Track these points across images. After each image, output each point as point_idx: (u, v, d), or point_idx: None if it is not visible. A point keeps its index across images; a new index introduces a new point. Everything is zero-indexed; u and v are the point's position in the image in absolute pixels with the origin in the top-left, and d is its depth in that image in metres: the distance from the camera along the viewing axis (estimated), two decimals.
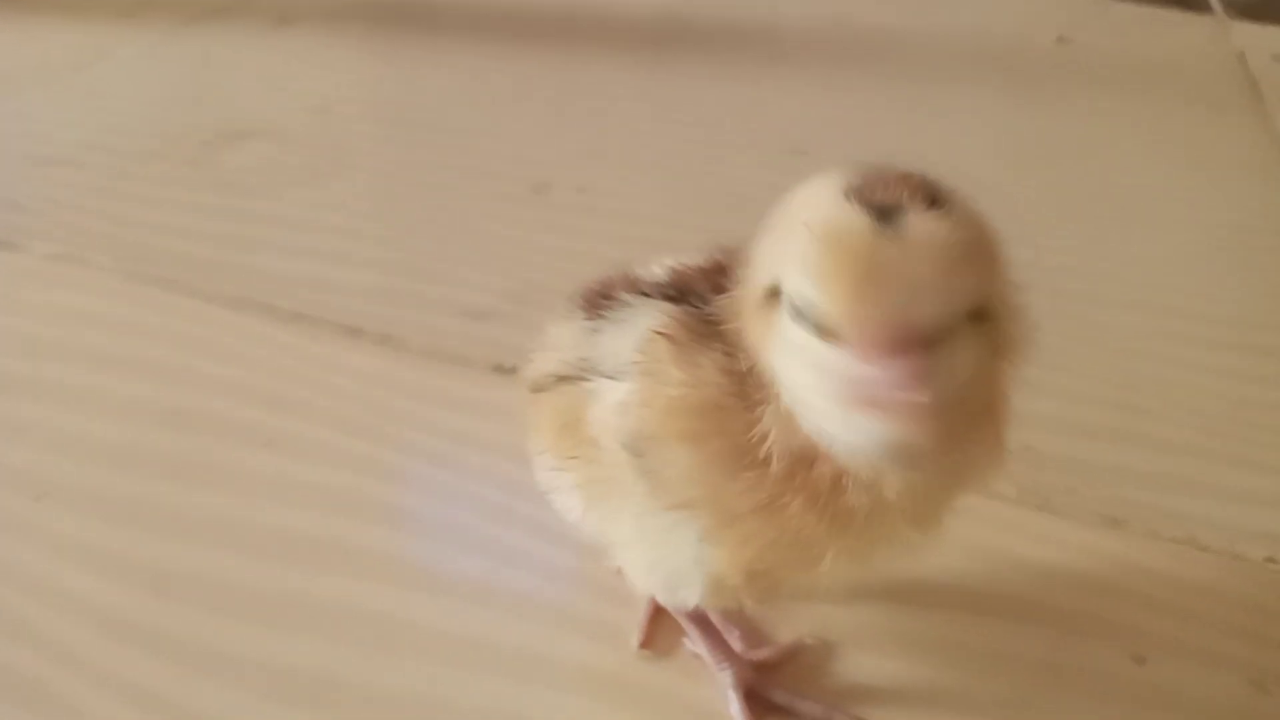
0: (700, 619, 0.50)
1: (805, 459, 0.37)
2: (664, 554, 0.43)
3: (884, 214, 0.31)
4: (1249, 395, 0.73)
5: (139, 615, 0.55)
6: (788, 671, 0.52)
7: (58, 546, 0.59)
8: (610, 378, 0.42)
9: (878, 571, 0.46)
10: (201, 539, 0.59)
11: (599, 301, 0.45)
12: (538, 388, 0.47)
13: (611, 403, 0.41)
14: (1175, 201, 1.01)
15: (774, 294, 0.35)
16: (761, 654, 0.52)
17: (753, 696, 0.50)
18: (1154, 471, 0.66)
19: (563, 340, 0.46)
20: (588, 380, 0.43)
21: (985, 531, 0.61)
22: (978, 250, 0.33)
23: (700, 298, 0.41)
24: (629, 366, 0.40)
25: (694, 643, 0.51)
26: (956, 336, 0.32)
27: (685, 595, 0.45)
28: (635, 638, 0.53)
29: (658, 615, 0.53)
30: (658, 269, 0.45)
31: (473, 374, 0.73)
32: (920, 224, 0.31)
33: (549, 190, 0.97)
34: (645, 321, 0.41)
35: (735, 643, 0.53)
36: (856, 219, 0.31)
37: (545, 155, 1.04)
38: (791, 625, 0.55)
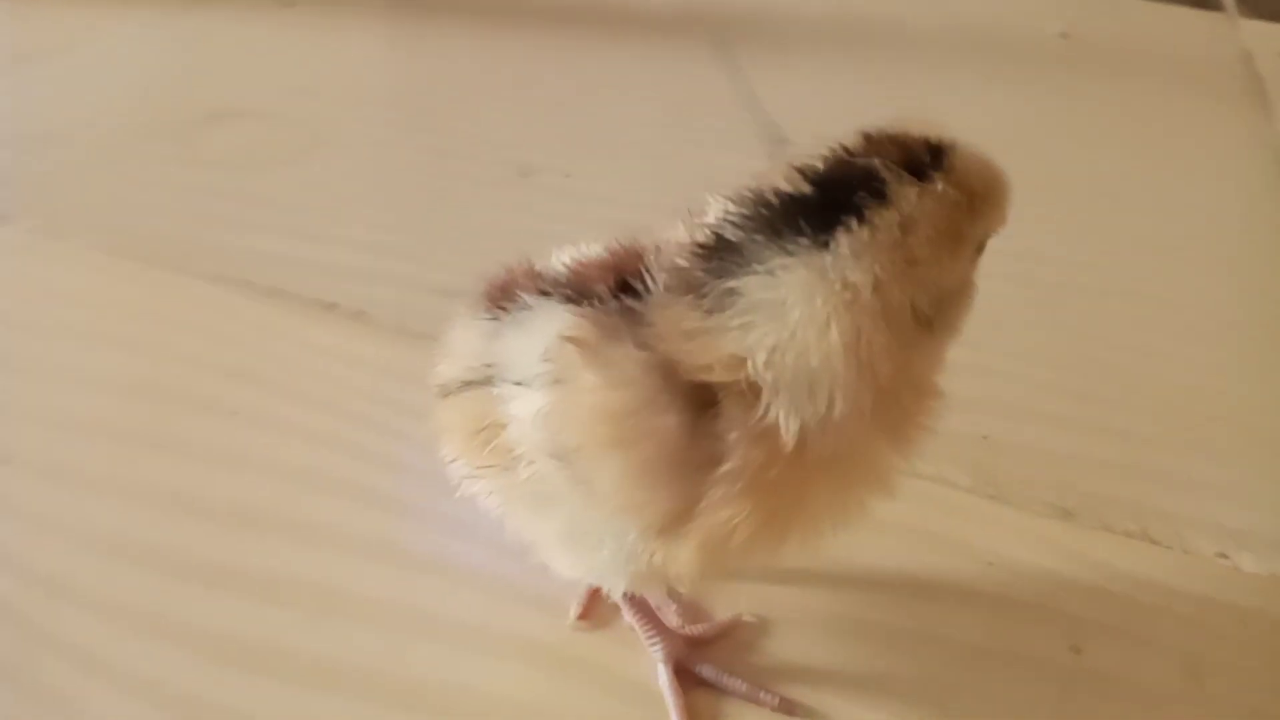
0: (633, 595, 0.51)
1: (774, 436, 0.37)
2: (590, 554, 0.43)
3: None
4: (1217, 388, 0.73)
5: (89, 580, 0.56)
6: (722, 648, 0.53)
7: (14, 512, 0.60)
8: (518, 384, 0.41)
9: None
10: (158, 507, 0.60)
11: (501, 299, 0.44)
12: (445, 392, 0.46)
13: (528, 414, 0.40)
14: (1167, 196, 1.01)
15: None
16: (696, 629, 0.53)
17: (682, 671, 0.50)
18: (1111, 463, 0.66)
19: (466, 342, 0.45)
20: (493, 386, 0.42)
21: (935, 518, 0.61)
22: None
23: (601, 298, 0.40)
24: (537, 374, 0.39)
25: (629, 616, 0.52)
26: None
27: (612, 587, 0.45)
28: (574, 610, 0.54)
29: (598, 589, 0.54)
30: (558, 263, 0.44)
31: None
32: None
33: (534, 173, 0.98)
34: (546, 325, 0.40)
35: (673, 617, 0.54)
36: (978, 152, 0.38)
37: (534, 138, 1.05)
38: (731, 602, 0.55)
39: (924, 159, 0.36)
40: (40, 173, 0.95)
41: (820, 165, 0.37)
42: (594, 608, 0.54)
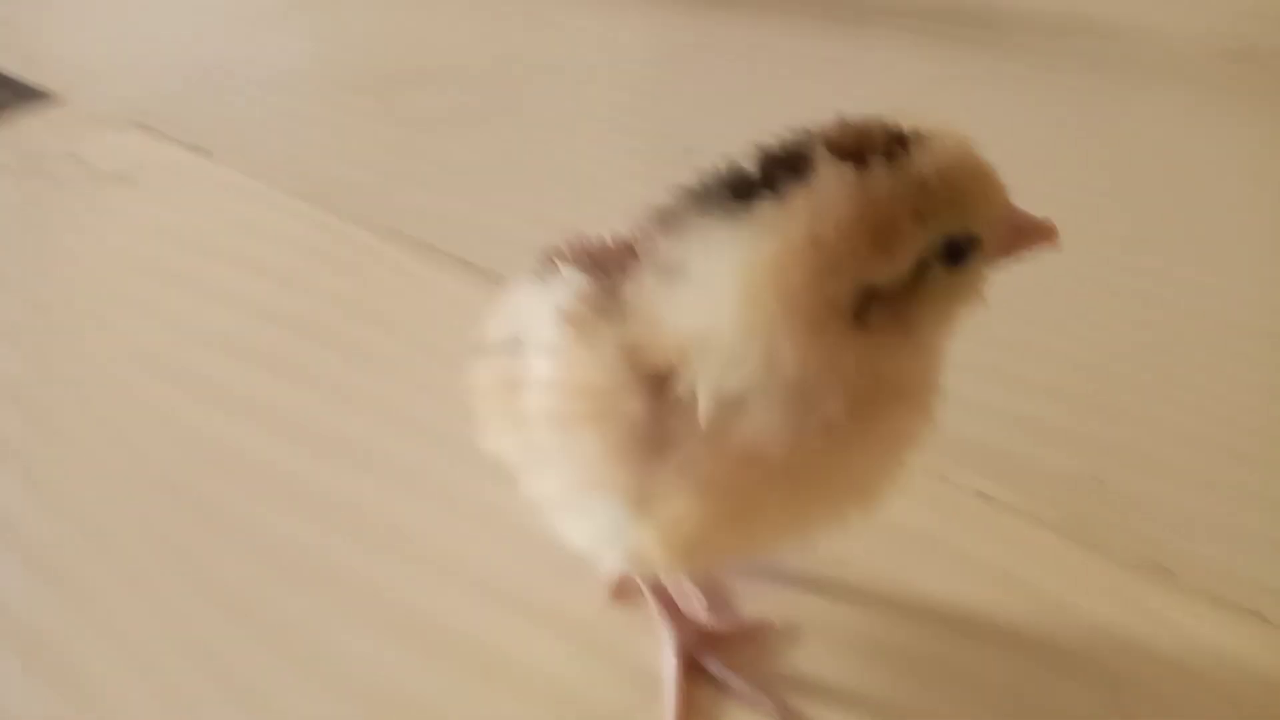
0: (655, 581, 0.51)
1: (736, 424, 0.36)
2: (583, 523, 0.44)
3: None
4: None
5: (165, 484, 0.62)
6: (743, 648, 0.51)
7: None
8: (536, 348, 0.42)
9: (814, 548, 0.45)
10: (254, 424, 0.66)
11: (550, 265, 0.45)
12: (485, 350, 0.47)
13: (534, 379, 0.42)
14: None
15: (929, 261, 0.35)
16: (715, 623, 0.52)
17: (692, 663, 0.50)
18: (1239, 529, 0.59)
19: (513, 303, 0.47)
20: (522, 348, 0.43)
21: (1010, 555, 0.57)
22: None
23: (610, 274, 0.41)
24: (546, 342, 0.41)
25: (649, 600, 0.52)
26: None
27: (609, 563, 0.46)
28: (607, 588, 0.54)
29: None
30: (601, 237, 0.44)
31: None
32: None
33: (697, 154, 0.97)
34: (560, 296, 0.41)
35: (698, 608, 0.53)
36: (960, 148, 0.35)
37: (707, 118, 1.05)
38: (765, 603, 0.54)
39: (876, 147, 0.34)
40: (254, 116, 1.05)
41: (777, 146, 0.36)
42: (628, 589, 0.54)
